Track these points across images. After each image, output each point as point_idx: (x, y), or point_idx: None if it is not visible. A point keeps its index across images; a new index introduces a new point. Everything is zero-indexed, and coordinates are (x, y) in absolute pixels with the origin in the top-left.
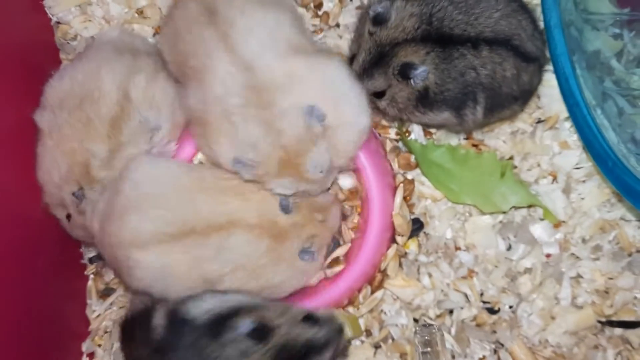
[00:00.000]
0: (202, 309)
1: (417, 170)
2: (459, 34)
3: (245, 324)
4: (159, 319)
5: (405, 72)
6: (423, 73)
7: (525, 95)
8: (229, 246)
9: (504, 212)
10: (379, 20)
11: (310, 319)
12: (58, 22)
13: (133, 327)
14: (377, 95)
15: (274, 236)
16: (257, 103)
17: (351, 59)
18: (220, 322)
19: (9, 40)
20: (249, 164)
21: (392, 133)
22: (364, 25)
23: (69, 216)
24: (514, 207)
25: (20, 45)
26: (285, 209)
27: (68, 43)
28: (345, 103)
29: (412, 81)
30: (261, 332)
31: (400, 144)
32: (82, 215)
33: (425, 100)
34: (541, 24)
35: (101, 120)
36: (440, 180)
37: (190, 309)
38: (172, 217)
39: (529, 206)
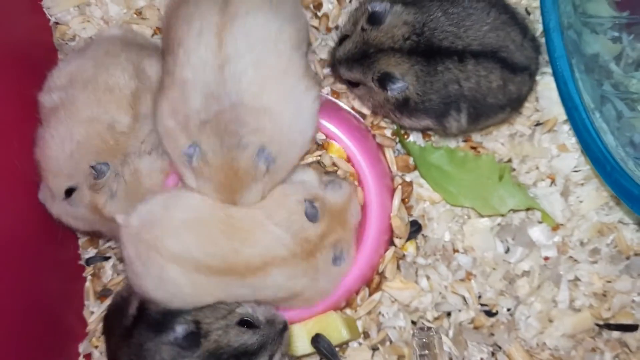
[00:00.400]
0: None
1: (416, 173)
2: (447, 46)
3: (180, 329)
4: (132, 309)
5: (384, 82)
6: (402, 87)
7: (513, 103)
8: (266, 286)
9: (502, 215)
10: (374, 21)
11: (246, 323)
12: (56, 23)
13: (113, 315)
14: (352, 83)
15: (307, 255)
16: (217, 117)
17: (341, 40)
18: (165, 320)
19: (8, 40)
20: (198, 160)
21: (388, 133)
22: (362, 16)
23: (69, 191)
24: (512, 210)
25: (19, 45)
26: (313, 218)
27: (66, 43)
28: (297, 135)
29: (388, 92)
30: (193, 339)
31: (398, 146)
32: (93, 192)
33: (404, 107)
34: (540, 27)
35: (122, 89)
36: (438, 182)
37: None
38: (216, 251)
39: (527, 209)
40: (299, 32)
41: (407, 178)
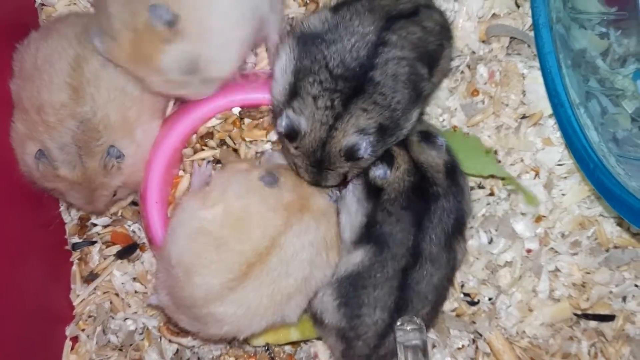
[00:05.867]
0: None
1: None
2: (366, 52)
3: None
4: None
5: (353, 157)
6: (364, 144)
7: (445, 33)
8: (290, 254)
9: (485, 177)
10: (293, 136)
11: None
12: (42, 4)
13: None
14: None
15: (300, 211)
16: None
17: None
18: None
19: None
20: (104, 37)
21: None
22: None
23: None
24: (492, 176)
25: (3, 26)
26: (270, 183)
27: None
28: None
29: (364, 156)
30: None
31: None
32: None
33: (388, 129)
34: (529, 20)
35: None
36: None
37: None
38: (226, 265)
39: (512, 193)
40: None
41: None
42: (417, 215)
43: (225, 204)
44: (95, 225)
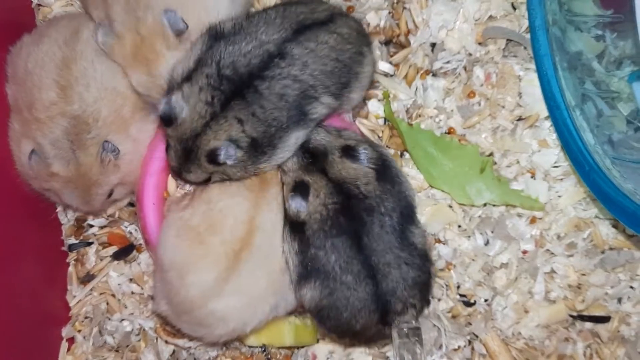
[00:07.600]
0: None
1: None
2: (258, 62)
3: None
4: None
5: (214, 160)
6: (230, 151)
7: (361, 41)
8: (271, 231)
9: (476, 206)
10: (168, 122)
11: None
12: (39, 5)
13: None
14: (207, 179)
15: (262, 188)
16: None
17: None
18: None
19: None
20: (107, 32)
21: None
22: None
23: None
24: (487, 204)
25: (0, 27)
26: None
27: None
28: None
29: (227, 163)
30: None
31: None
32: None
33: (261, 147)
34: (525, 23)
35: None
36: (421, 162)
37: None
38: (214, 257)
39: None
40: None
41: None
42: (353, 237)
43: (192, 205)
44: (91, 226)
